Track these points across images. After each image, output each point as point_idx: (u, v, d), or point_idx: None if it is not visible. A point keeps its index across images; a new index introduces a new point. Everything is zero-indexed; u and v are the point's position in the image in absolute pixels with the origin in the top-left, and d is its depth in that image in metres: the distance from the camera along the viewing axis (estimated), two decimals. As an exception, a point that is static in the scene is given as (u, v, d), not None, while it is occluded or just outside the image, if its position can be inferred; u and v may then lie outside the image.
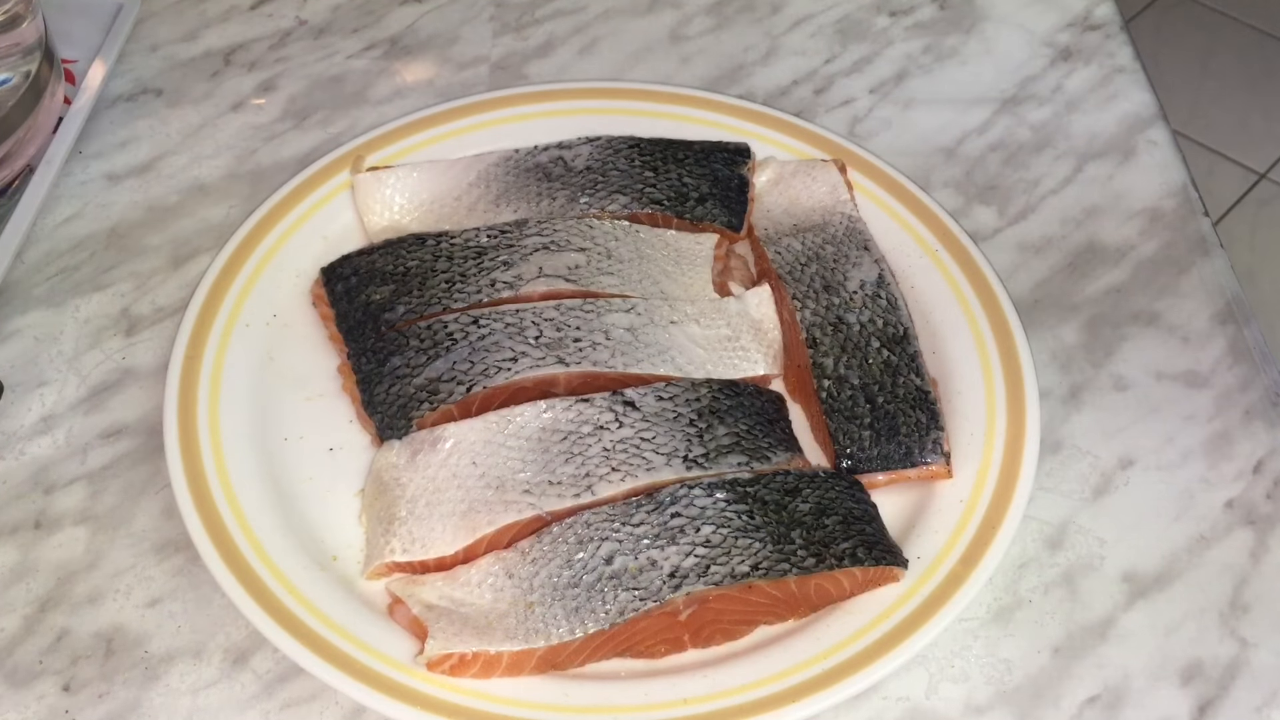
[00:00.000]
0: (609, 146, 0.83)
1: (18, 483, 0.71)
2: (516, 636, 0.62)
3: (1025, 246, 0.85)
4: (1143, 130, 0.93)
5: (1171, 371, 0.79)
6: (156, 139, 0.89)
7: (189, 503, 0.67)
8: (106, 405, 0.75)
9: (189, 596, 0.67)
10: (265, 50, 0.95)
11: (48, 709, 0.63)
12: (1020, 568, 0.70)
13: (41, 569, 0.68)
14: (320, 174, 0.83)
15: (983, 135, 0.92)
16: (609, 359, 0.72)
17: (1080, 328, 0.81)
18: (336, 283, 0.76)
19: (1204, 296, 0.82)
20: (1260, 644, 0.68)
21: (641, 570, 0.63)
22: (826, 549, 0.65)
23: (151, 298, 0.80)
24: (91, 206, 0.85)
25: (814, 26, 0.99)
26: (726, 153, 0.84)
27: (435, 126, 0.86)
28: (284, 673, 0.65)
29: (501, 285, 0.75)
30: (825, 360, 0.74)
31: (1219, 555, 0.71)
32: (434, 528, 0.66)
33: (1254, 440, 0.75)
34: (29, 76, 0.81)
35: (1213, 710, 0.65)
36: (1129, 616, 0.68)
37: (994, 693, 0.65)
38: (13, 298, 0.80)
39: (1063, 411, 0.76)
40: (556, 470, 0.67)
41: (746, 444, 0.70)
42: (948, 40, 0.99)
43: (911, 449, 0.71)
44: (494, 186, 0.82)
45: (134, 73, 0.93)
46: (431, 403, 0.70)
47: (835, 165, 0.83)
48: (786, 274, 0.78)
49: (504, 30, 0.98)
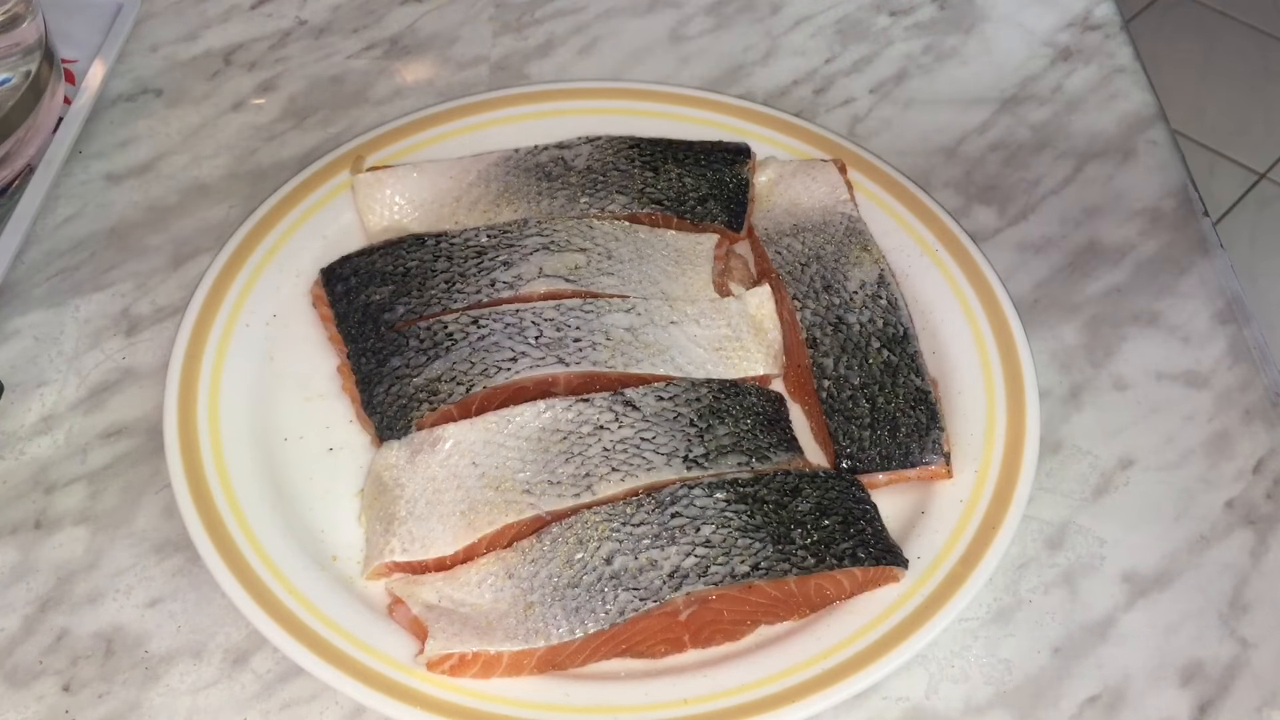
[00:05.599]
0: (609, 146, 0.83)
1: (18, 483, 0.71)
2: (516, 636, 0.62)
3: (1025, 246, 0.85)
4: (1143, 130, 0.93)
5: (1171, 371, 0.79)
6: (156, 139, 0.89)
7: (189, 503, 0.67)
8: (106, 405, 0.75)
9: (189, 596, 0.67)
10: (265, 50, 0.95)
11: (48, 709, 0.63)
12: (1020, 568, 0.70)
13: (41, 569, 0.68)
14: (320, 174, 0.83)
15: (983, 135, 0.92)
16: (609, 359, 0.72)
17: (1080, 328, 0.81)
18: (336, 283, 0.76)
19: (1204, 296, 0.82)
20: (1260, 644, 0.68)
21: (641, 570, 0.63)
22: (826, 549, 0.65)
23: (151, 298, 0.80)
24: (91, 206, 0.85)
25: (814, 26, 0.99)
26: (726, 153, 0.84)
27: (435, 126, 0.86)
28: (284, 673, 0.65)
29: (501, 285, 0.75)
30: (825, 360, 0.74)
31: (1219, 555, 0.71)
32: (434, 528, 0.66)
33: (1254, 440, 0.75)
34: (29, 76, 0.81)
35: (1213, 710, 0.65)
36: (1129, 616, 0.68)
37: (994, 693, 0.65)
38: (13, 298, 0.80)
39: (1063, 411, 0.76)
40: (556, 470, 0.67)
41: (747, 444, 0.70)
42: (948, 40, 0.99)
43: (911, 449, 0.71)
44: (494, 186, 0.82)
45: (134, 73, 0.93)
46: (431, 403, 0.70)
47: (835, 165, 0.83)
48: (786, 274, 0.78)
49: (504, 30, 0.98)
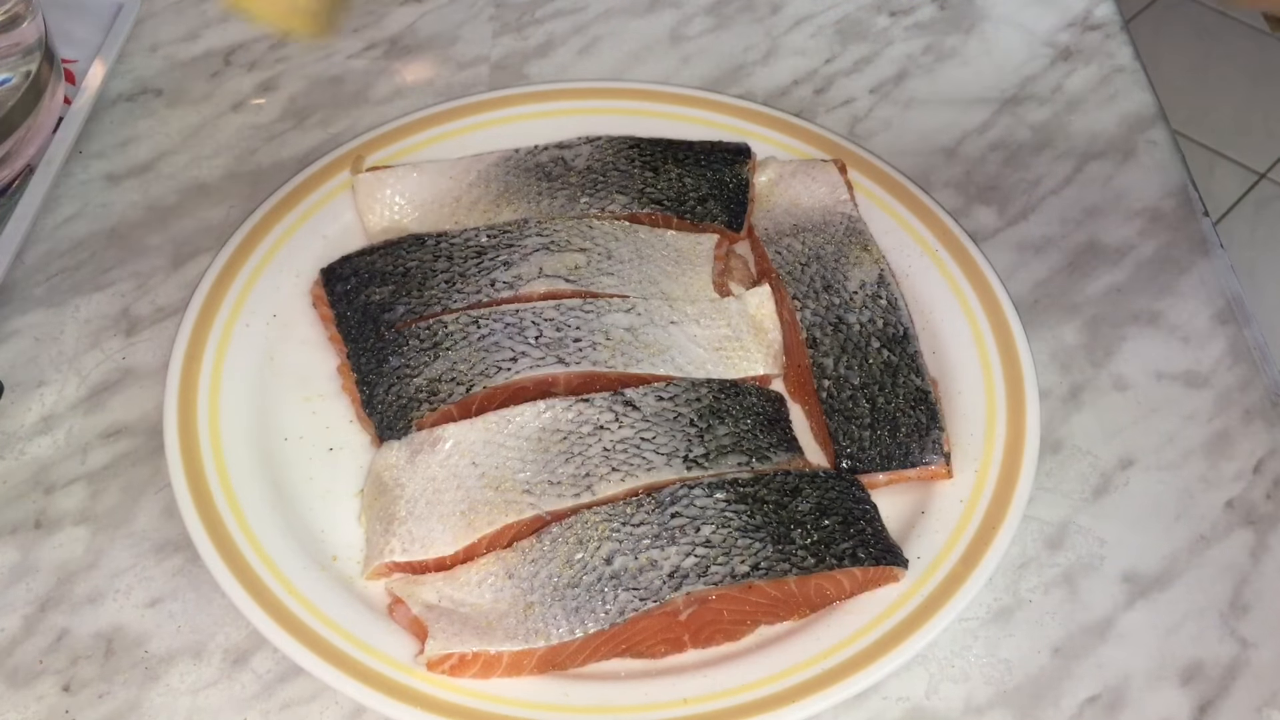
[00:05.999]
0: (609, 146, 0.83)
1: (18, 483, 0.71)
2: (516, 636, 0.62)
3: (1025, 246, 0.85)
4: (1143, 130, 0.92)
5: (1171, 371, 0.79)
6: (156, 139, 0.89)
7: (189, 503, 0.67)
8: (106, 405, 0.75)
9: (189, 596, 0.67)
10: (265, 50, 0.95)
11: (48, 709, 0.63)
12: (1020, 568, 0.70)
13: (41, 569, 0.68)
14: (320, 174, 0.83)
15: (983, 135, 0.92)
16: (609, 359, 0.72)
17: (1080, 328, 0.81)
18: (336, 283, 0.76)
19: (1204, 296, 0.82)
20: (1260, 644, 0.68)
21: (641, 570, 0.63)
22: (826, 549, 0.65)
23: (151, 298, 0.80)
24: (91, 206, 0.85)
25: (814, 26, 0.99)
26: (726, 153, 0.84)
27: (435, 126, 0.86)
28: (284, 673, 0.65)
29: (501, 285, 0.75)
30: (825, 360, 0.74)
31: (1219, 555, 0.71)
32: (434, 528, 0.66)
33: (1254, 440, 0.75)
34: (29, 76, 0.81)
35: (1213, 710, 0.65)
36: (1129, 616, 0.68)
37: (994, 693, 0.65)
38: (13, 298, 0.79)
39: (1063, 411, 0.76)
40: (556, 470, 0.67)
41: (747, 444, 0.70)
42: (948, 40, 0.99)
43: (911, 449, 0.71)
44: (494, 186, 0.82)
45: (134, 73, 0.93)
46: (431, 403, 0.70)
47: (835, 165, 0.83)
48: (787, 274, 0.78)
49: (504, 30, 0.98)
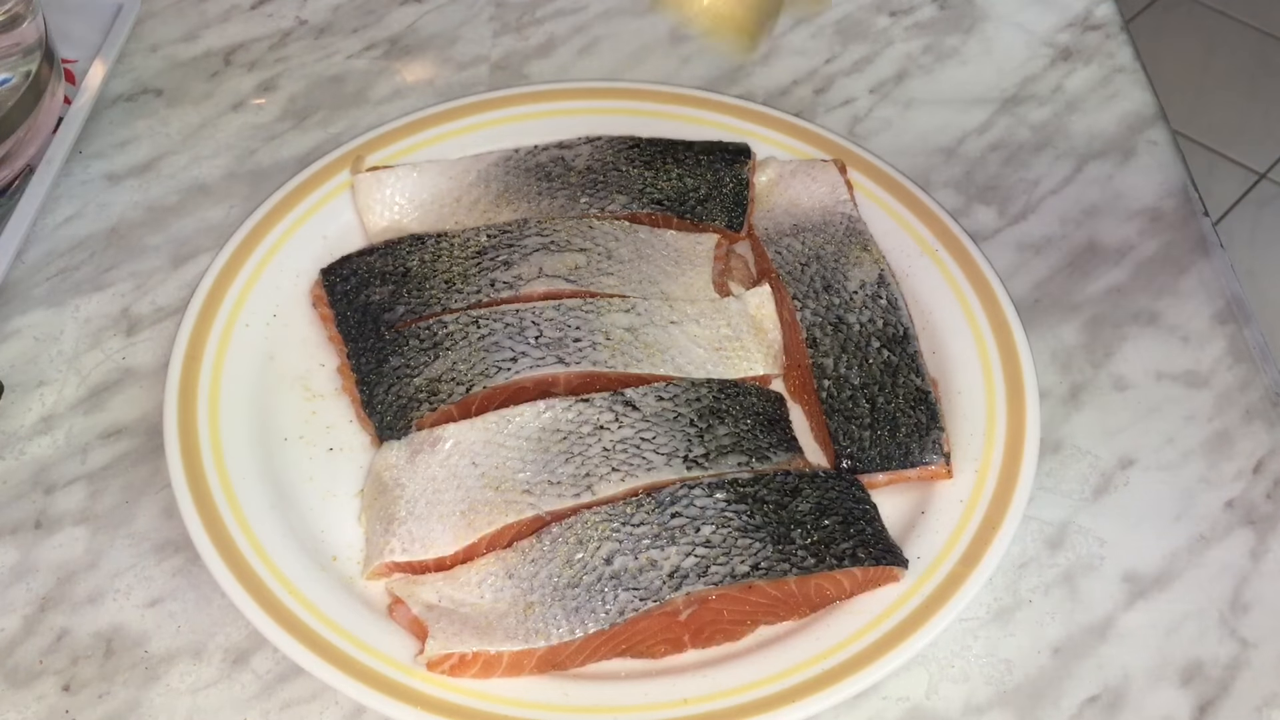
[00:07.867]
0: (609, 146, 0.83)
1: (18, 483, 0.71)
2: (516, 636, 0.62)
3: (1025, 246, 0.85)
4: (1143, 130, 0.92)
5: (1171, 371, 0.79)
6: (156, 139, 0.89)
7: (189, 503, 0.67)
8: (106, 405, 0.75)
9: (189, 596, 0.67)
10: (265, 50, 0.95)
11: (48, 709, 0.63)
12: (1020, 568, 0.70)
13: (41, 569, 0.68)
14: (320, 174, 0.83)
15: (983, 135, 0.92)
16: (609, 359, 0.72)
17: (1080, 328, 0.81)
18: (336, 283, 0.76)
19: (1204, 296, 0.82)
20: (1260, 644, 0.68)
21: (641, 570, 0.63)
22: (826, 549, 0.65)
23: (151, 298, 0.80)
24: (91, 206, 0.85)
25: (814, 26, 0.99)
26: (726, 153, 0.84)
27: (435, 126, 0.86)
28: (284, 673, 0.65)
29: (501, 285, 0.75)
30: (825, 360, 0.74)
31: (1219, 555, 0.71)
32: (434, 528, 0.66)
33: (1254, 440, 0.75)
34: (29, 76, 0.81)
35: (1213, 710, 0.65)
36: (1129, 616, 0.68)
37: (994, 693, 0.65)
38: (13, 298, 0.79)
39: (1063, 411, 0.76)
40: (556, 470, 0.67)
41: (747, 444, 0.70)
42: (948, 40, 0.99)
43: (911, 449, 0.71)
44: (494, 186, 0.82)
45: (134, 73, 0.93)
46: (431, 403, 0.70)
47: (835, 165, 0.83)
48: (786, 274, 0.78)
49: (504, 30, 0.98)
